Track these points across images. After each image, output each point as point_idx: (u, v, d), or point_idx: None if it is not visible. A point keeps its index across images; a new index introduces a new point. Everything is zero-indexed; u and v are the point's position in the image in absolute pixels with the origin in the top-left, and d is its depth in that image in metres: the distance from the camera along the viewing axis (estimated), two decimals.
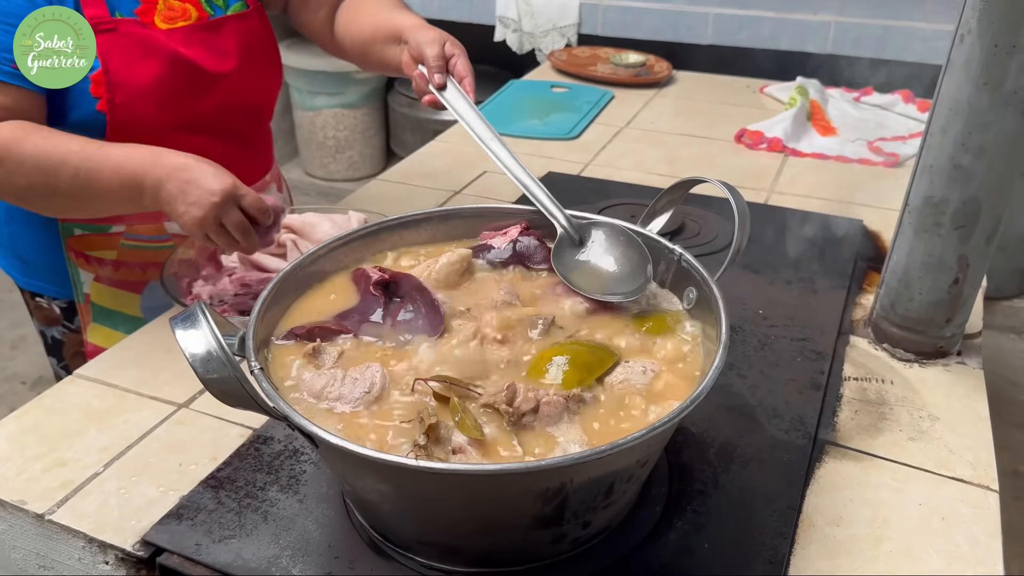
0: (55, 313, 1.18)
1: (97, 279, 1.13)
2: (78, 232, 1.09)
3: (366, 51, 1.16)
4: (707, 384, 0.62)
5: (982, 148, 0.88)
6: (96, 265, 1.12)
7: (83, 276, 1.12)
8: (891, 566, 0.73)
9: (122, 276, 1.12)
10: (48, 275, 1.15)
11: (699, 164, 1.56)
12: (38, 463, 0.81)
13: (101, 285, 1.13)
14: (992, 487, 0.81)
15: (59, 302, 1.17)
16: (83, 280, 1.13)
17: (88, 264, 1.12)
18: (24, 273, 1.17)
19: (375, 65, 1.18)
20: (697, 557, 0.71)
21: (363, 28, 1.16)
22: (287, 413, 0.60)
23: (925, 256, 0.95)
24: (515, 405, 0.65)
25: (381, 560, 0.70)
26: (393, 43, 1.12)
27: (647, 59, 2.07)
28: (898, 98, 1.85)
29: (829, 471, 0.83)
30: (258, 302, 0.73)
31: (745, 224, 0.78)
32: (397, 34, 1.10)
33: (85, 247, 1.11)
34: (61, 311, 1.18)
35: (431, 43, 1.05)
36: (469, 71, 1.05)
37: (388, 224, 0.88)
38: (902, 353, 1.00)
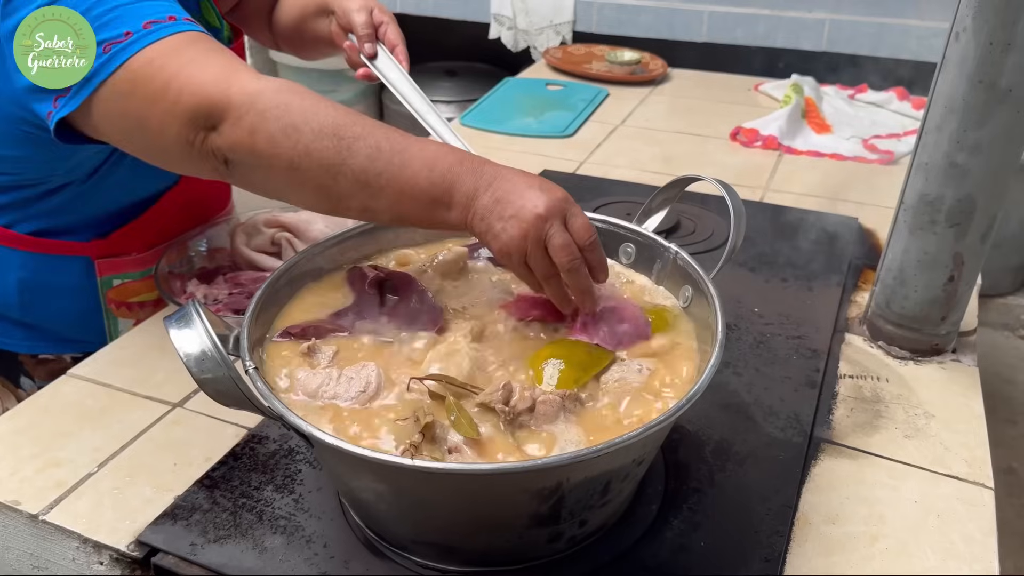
0: (65, 363, 1.06)
1: (137, 322, 1.07)
2: (117, 283, 1.04)
3: (300, 30, 1.15)
4: (703, 382, 0.62)
5: (977, 145, 0.88)
6: (138, 310, 1.07)
7: (122, 325, 1.07)
8: (887, 564, 0.73)
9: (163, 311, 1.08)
10: (67, 334, 1.06)
11: (694, 162, 1.56)
12: (32, 463, 0.81)
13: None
14: (987, 484, 0.81)
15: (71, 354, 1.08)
16: (121, 329, 1.07)
17: (130, 311, 1.07)
18: (28, 339, 1.07)
19: (310, 43, 1.15)
20: (694, 555, 0.71)
21: (293, 7, 1.15)
22: (282, 413, 0.60)
23: (920, 254, 0.95)
24: (511, 404, 0.65)
25: (377, 560, 0.70)
26: (322, 16, 1.10)
27: (642, 57, 2.06)
28: (892, 95, 1.85)
29: (825, 469, 0.83)
30: (252, 301, 0.73)
31: (741, 222, 0.78)
32: (324, 5, 1.09)
33: (126, 296, 1.06)
34: (74, 360, 1.05)
35: (359, 10, 1.03)
36: (400, 39, 1.03)
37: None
38: (897, 351, 1.00)
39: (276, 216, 1.12)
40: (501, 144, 1.63)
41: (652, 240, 0.84)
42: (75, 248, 1.01)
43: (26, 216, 0.98)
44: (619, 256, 0.87)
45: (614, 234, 0.87)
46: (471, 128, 1.70)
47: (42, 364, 1.09)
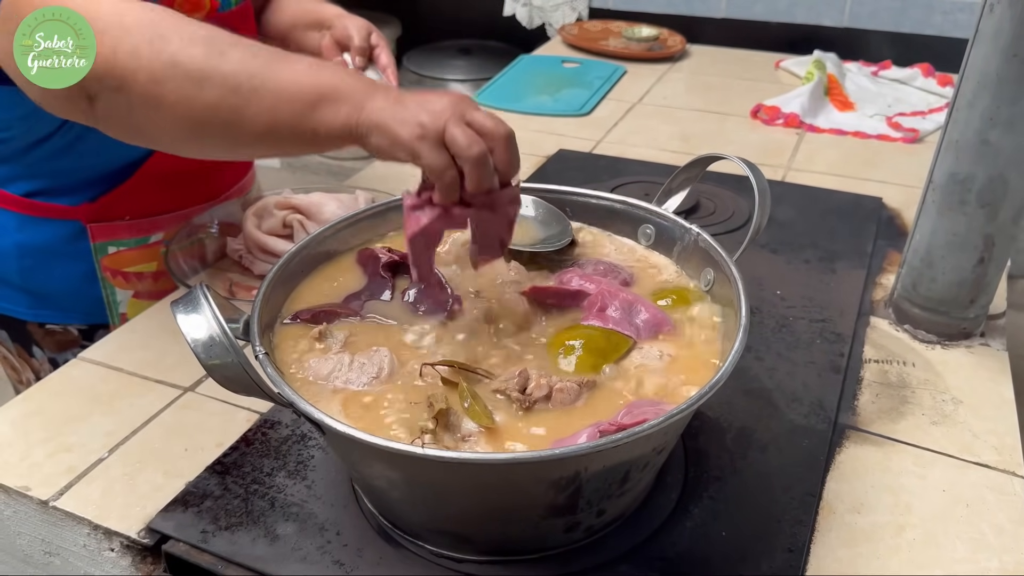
0: (72, 335, 1.10)
1: (136, 295, 1.08)
2: (112, 250, 1.04)
3: (285, 37, 1.17)
4: (726, 369, 0.60)
5: (1011, 122, 0.84)
6: (135, 281, 1.07)
7: (120, 295, 1.07)
8: (914, 554, 0.71)
9: (162, 286, 1.08)
10: (70, 304, 1.07)
11: (714, 140, 1.53)
12: (42, 448, 0.80)
13: (140, 300, 1.08)
14: (1018, 472, 0.79)
15: (76, 325, 1.10)
16: (120, 300, 1.07)
17: (128, 282, 1.07)
18: (33, 306, 1.08)
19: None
20: (714, 545, 0.70)
21: (284, 16, 1.18)
22: (292, 399, 0.59)
23: (949, 235, 0.93)
24: (528, 392, 0.63)
25: (391, 548, 0.69)
26: (314, 29, 1.13)
27: (660, 33, 2.02)
28: (917, 72, 1.81)
29: (849, 456, 0.80)
30: (263, 284, 0.71)
31: (765, 202, 0.75)
32: (320, 21, 1.12)
33: (123, 264, 1.06)
34: (80, 332, 1.10)
35: (359, 29, 1.07)
36: (392, 63, 1.06)
37: (396, 203, 0.86)
38: (924, 335, 0.97)
39: (288, 198, 1.11)
40: (516, 123, 1.58)
41: (672, 221, 0.82)
42: (67, 212, 1.01)
43: (13, 175, 0.99)
44: (639, 238, 0.85)
45: (633, 215, 0.85)
46: (486, 106, 1.67)
47: (50, 335, 1.09)
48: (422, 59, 3.18)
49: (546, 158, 1.43)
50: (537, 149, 1.47)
